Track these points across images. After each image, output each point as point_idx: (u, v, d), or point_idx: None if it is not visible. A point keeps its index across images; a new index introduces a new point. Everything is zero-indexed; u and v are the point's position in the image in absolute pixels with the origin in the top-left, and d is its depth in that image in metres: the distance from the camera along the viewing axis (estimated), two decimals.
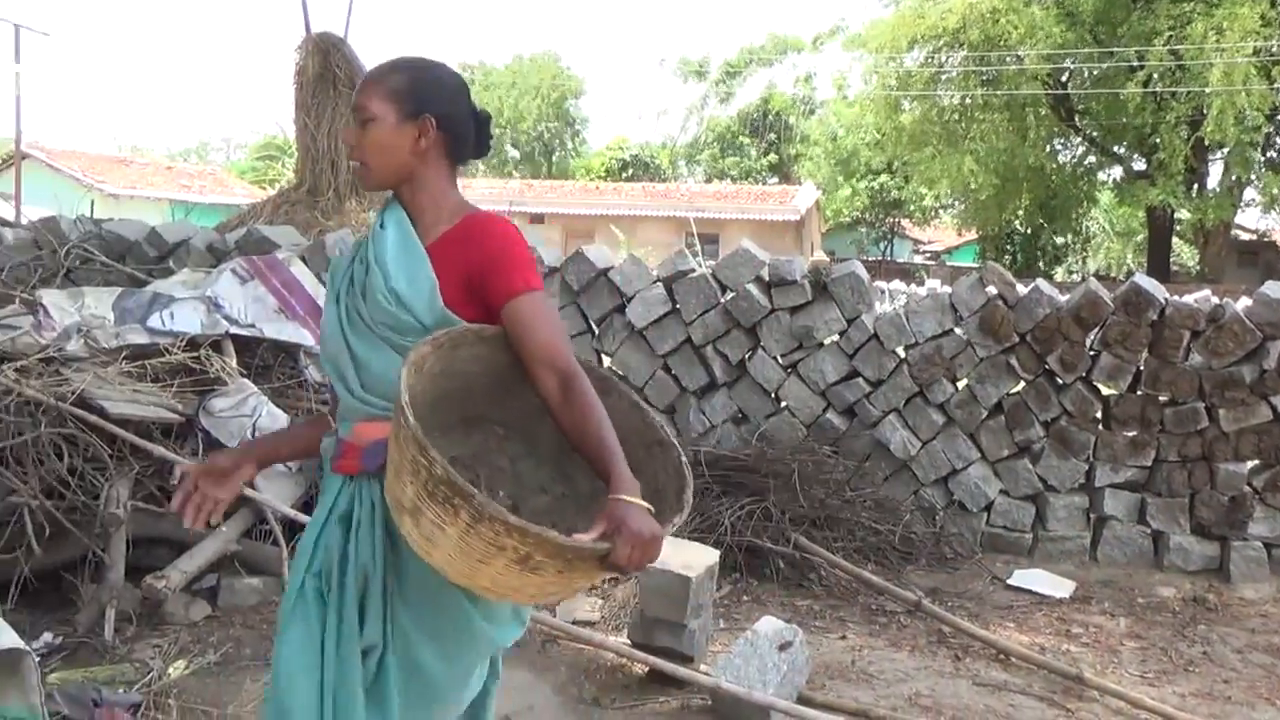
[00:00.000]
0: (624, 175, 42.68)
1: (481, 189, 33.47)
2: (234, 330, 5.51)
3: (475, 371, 2.10)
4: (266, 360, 5.66)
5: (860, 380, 5.96)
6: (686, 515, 1.95)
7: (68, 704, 3.57)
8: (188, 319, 5.46)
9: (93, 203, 9.27)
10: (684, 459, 2.05)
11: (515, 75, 48.03)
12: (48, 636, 4.21)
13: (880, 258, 37.63)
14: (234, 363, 5.30)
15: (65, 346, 5.06)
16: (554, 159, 48.77)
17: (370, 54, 9.43)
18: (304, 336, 5.80)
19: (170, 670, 3.93)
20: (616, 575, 1.79)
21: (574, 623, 4.39)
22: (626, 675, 4.09)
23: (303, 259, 6.34)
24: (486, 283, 2.07)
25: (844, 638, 4.66)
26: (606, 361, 6.40)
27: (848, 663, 4.34)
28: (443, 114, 2.14)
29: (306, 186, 8.74)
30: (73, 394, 4.59)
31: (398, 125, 2.11)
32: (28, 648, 3.58)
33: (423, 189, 2.16)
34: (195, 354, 5.21)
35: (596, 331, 6.35)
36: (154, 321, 5.42)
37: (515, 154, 48.95)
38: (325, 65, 8.70)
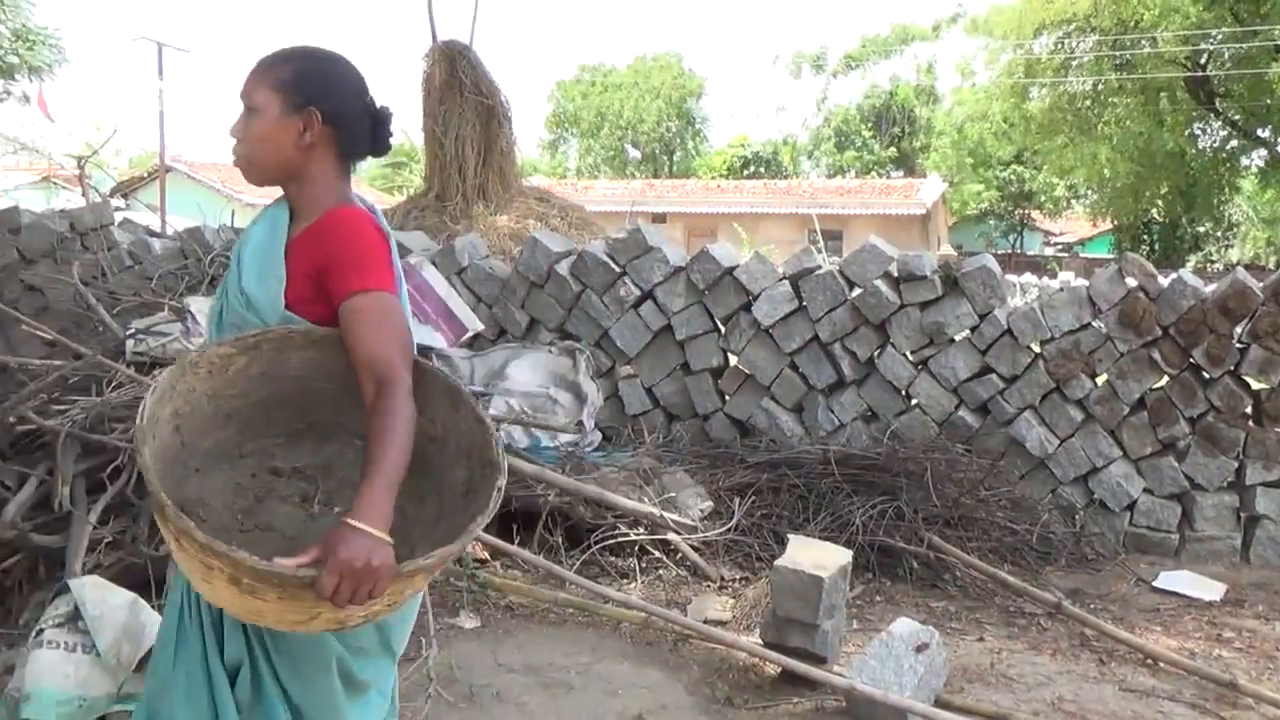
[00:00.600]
0: (745, 173, 42.54)
1: (603, 189, 33.78)
2: None
3: (314, 376, 2.00)
4: None
5: (994, 376, 5.82)
6: (460, 549, 1.80)
7: None
8: None
9: (233, 212, 9.61)
10: (501, 486, 1.89)
11: (637, 76, 48.25)
12: None
13: (1010, 251, 36.72)
14: None
15: None
16: (675, 158, 48.85)
17: (495, 60, 9.60)
18: (435, 339, 5.93)
19: None
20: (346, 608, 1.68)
21: (705, 622, 4.39)
22: (759, 675, 4.07)
23: (433, 263, 6.47)
24: (328, 281, 1.98)
25: (981, 640, 4.55)
26: (733, 360, 6.39)
27: (986, 665, 4.25)
28: (330, 108, 2.05)
29: (435, 192, 8.92)
30: None
31: (281, 117, 2.02)
32: None
33: (307, 185, 2.07)
34: None
35: (723, 330, 6.33)
36: None
37: (636, 154, 49.18)
38: (452, 73, 8.86)
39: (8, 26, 17.24)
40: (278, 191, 2.15)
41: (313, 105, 2.03)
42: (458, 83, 8.83)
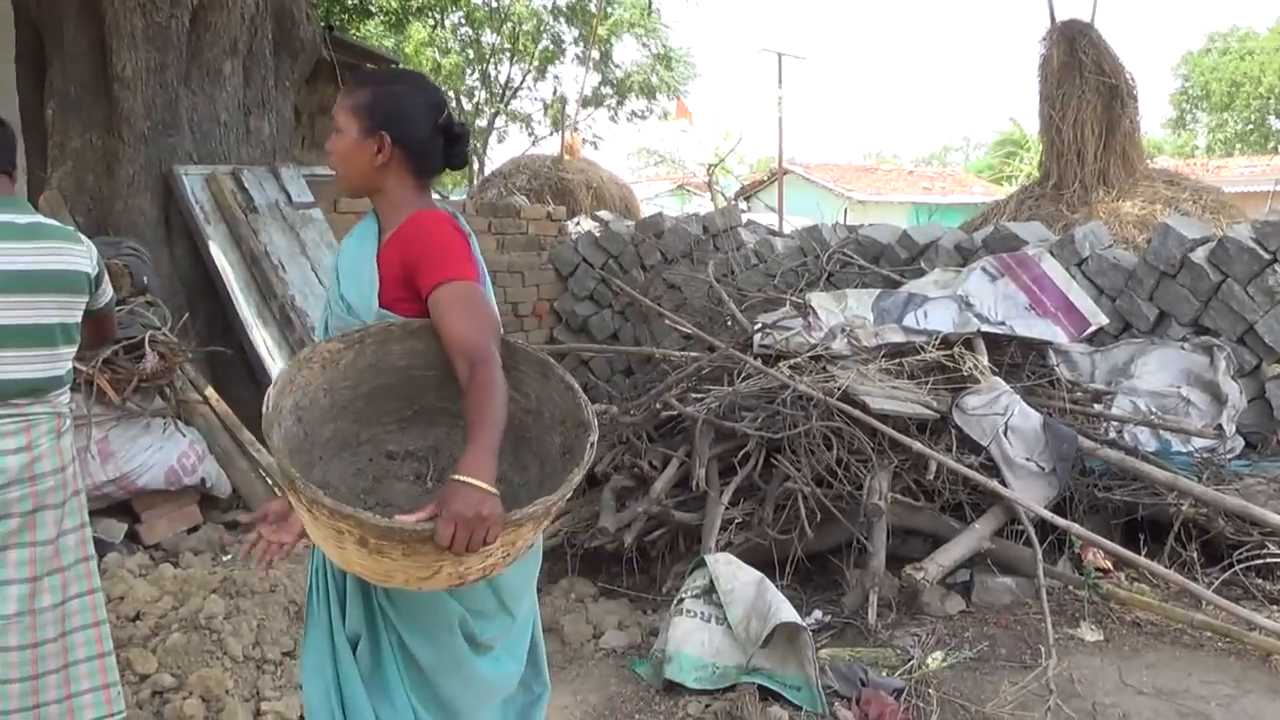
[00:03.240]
0: None
1: (1240, 168, 30.35)
2: (985, 328, 5.55)
3: (416, 365, 2.17)
4: (1016, 358, 5.63)
5: None
6: (561, 498, 1.90)
7: (838, 680, 3.83)
8: (940, 318, 5.60)
9: (845, 210, 9.94)
10: (593, 441, 2.02)
11: None
12: (818, 614, 4.57)
13: None
14: (985, 361, 5.33)
15: (831, 345, 5.46)
16: None
17: (1118, 36, 8.96)
18: (1055, 333, 5.68)
19: (929, 661, 4.04)
20: (481, 559, 1.84)
21: None
22: None
23: (1051, 253, 6.20)
24: (416, 278, 2.14)
25: None
26: None
27: None
28: (398, 133, 2.24)
29: (1053, 180, 8.55)
30: (838, 389, 4.93)
31: (359, 139, 2.25)
32: (803, 623, 3.92)
33: (386, 197, 2.28)
34: (948, 352, 5.33)
35: None
36: (909, 320, 5.64)
37: None
38: (1071, 53, 8.42)
39: (651, 51, 19.32)
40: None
41: (383, 130, 2.25)
42: (1077, 63, 8.38)
